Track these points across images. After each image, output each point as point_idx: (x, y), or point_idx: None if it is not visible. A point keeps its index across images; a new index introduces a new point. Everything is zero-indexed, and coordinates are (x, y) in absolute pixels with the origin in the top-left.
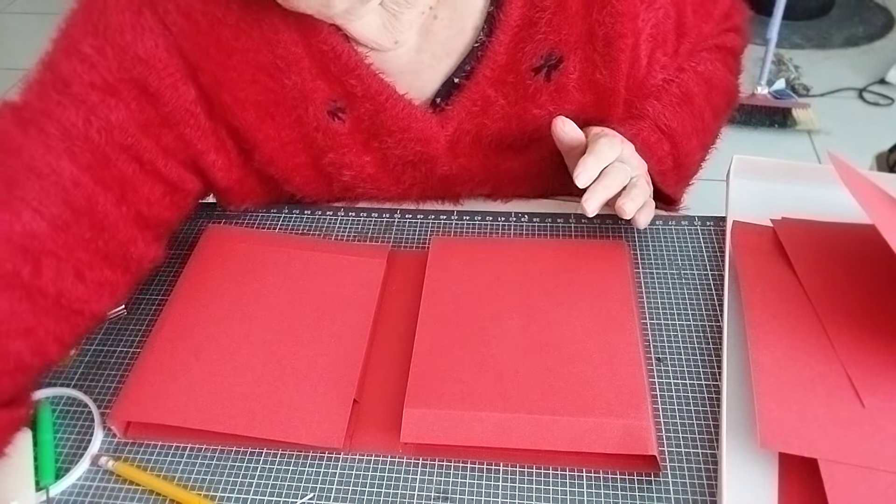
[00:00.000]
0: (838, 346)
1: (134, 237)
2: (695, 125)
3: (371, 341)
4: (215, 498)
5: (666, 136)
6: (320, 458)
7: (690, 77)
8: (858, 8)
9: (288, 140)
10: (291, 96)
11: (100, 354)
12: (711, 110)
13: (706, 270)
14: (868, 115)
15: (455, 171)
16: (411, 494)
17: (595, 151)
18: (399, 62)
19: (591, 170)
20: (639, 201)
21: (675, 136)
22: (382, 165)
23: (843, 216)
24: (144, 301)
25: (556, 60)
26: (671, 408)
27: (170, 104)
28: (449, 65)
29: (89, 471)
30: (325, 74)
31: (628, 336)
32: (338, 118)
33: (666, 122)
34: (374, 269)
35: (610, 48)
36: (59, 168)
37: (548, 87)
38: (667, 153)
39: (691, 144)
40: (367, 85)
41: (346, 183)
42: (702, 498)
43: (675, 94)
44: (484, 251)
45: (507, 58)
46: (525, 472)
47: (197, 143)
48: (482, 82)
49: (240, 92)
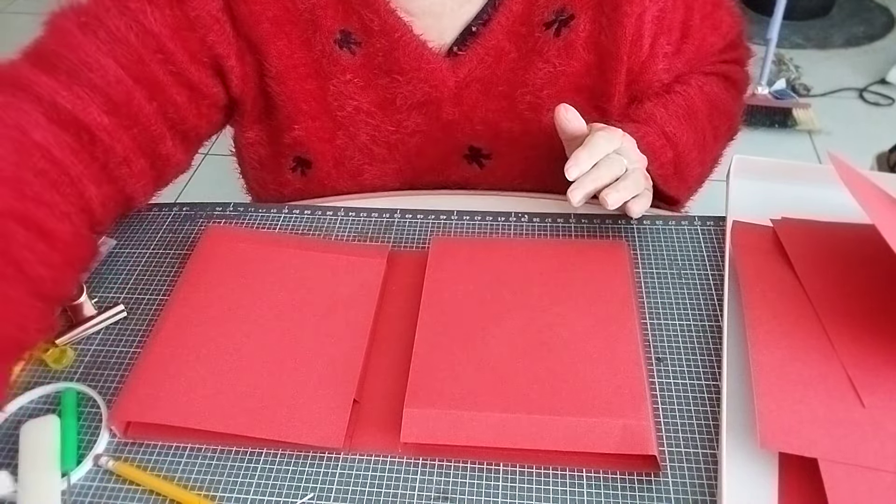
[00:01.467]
0: (838, 346)
1: (163, 135)
2: (696, 139)
3: (371, 341)
4: (215, 498)
5: (670, 143)
6: (320, 458)
7: (696, 94)
8: (859, 8)
9: (299, 62)
10: (304, 18)
11: (100, 354)
12: (713, 130)
13: (706, 270)
14: (868, 116)
15: (457, 117)
16: (411, 494)
17: (590, 145)
18: (423, 3)
19: (583, 164)
20: (626, 193)
21: (678, 146)
22: (388, 105)
23: (843, 216)
24: (144, 301)
25: (568, 17)
26: (671, 408)
27: (197, 9)
28: (470, 11)
29: (89, 471)
30: (342, 3)
31: (628, 336)
32: (349, 50)
33: (672, 129)
34: (374, 269)
35: (616, 12)
36: (105, 65)
37: (556, 43)
38: (669, 160)
39: (691, 156)
40: (384, 20)
41: (348, 124)
42: (702, 498)
43: (681, 106)
44: (484, 251)
45: (523, 7)
46: (525, 472)
47: (219, 48)
48: (497, 30)
49: (256, 5)
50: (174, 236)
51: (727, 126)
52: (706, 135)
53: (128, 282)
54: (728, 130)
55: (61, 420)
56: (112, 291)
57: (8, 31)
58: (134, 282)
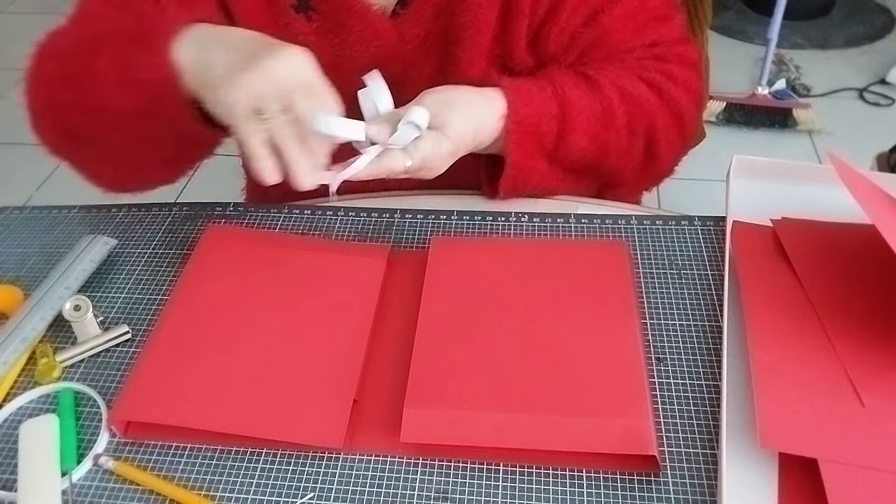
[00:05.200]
0: (838, 346)
1: None
2: (594, 111)
3: (371, 341)
4: (215, 498)
5: (556, 97)
6: (320, 458)
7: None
8: (859, 8)
9: (265, 23)
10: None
11: (100, 355)
12: (626, 117)
13: (706, 270)
14: (868, 116)
15: (405, 77)
16: (411, 494)
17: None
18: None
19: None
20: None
21: (567, 104)
22: (340, 66)
23: (843, 216)
24: (144, 301)
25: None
26: (671, 408)
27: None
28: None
29: (89, 471)
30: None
31: (628, 336)
32: (305, 14)
33: (562, 86)
34: (374, 269)
35: None
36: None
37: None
38: (552, 114)
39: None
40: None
41: None
42: (702, 498)
43: (582, 76)
44: (484, 251)
45: None
46: (525, 472)
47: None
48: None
49: None
50: (174, 236)
51: (645, 123)
52: (616, 116)
53: (128, 282)
54: (647, 129)
55: (60, 420)
56: (112, 291)
57: (8, 31)
58: (134, 282)
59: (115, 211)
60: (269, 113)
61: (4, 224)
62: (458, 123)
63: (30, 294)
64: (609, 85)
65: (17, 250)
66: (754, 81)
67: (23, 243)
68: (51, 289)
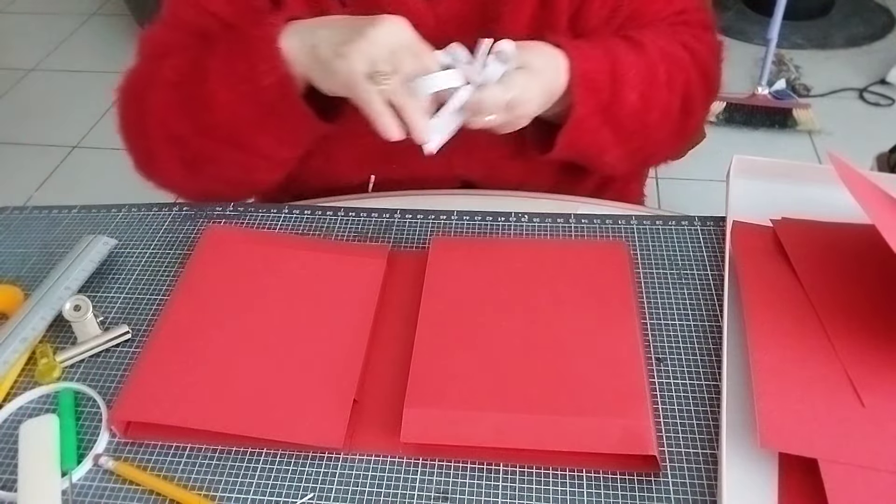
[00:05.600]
0: (838, 346)
1: None
2: (640, 68)
3: (371, 341)
4: (215, 498)
5: (609, 56)
6: (320, 458)
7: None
8: (859, 8)
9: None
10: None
11: (100, 355)
12: (667, 75)
13: (706, 270)
14: (869, 116)
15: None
16: (411, 494)
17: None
18: None
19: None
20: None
21: (617, 61)
22: None
23: (843, 216)
24: (144, 301)
25: None
26: (671, 408)
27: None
28: None
29: (89, 470)
30: None
31: (628, 336)
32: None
33: (612, 47)
34: (374, 269)
35: None
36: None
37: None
38: (606, 70)
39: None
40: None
41: None
42: (702, 498)
43: (624, 38)
44: (484, 251)
45: None
46: (525, 472)
47: None
48: None
49: None
50: (174, 236)
51: (682, 80)
52: (658, 73)
53: (128, 282)
54: (683, 85)
55: (60, 420)
56: (112, 291)
57: (8, 31)
58: (134, 282)
59: (115, 211)
60: (383, 75)
61: (4, 224)
62: (538, 62)
63: (30, 294)
64: (650, 45)
65: (17, 250)
66: (754, 81)
67: (23, 243)
68: (51, 289)
